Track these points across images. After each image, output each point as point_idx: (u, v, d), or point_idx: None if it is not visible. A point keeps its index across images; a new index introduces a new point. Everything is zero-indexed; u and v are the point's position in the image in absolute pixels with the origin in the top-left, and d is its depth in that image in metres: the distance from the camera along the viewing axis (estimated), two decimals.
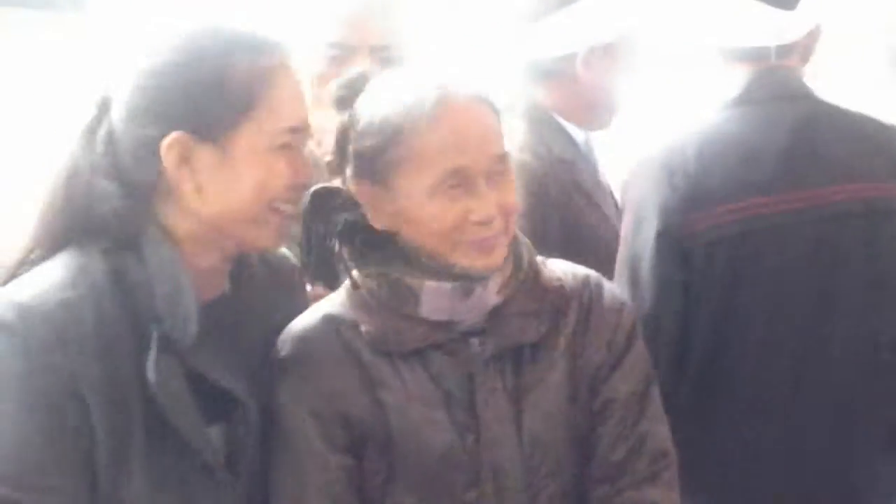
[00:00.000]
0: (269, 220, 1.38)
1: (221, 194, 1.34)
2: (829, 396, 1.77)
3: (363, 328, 1.44)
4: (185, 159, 1.32)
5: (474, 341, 1.46)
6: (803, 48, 1.90)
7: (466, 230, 1.41)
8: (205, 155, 1.33)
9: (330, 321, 1.47)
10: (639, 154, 1.90)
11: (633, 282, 1.78)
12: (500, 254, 1.44)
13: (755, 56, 1.85)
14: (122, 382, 1.29)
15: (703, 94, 2.21)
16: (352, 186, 1.45)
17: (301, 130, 1.39)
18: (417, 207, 1.41)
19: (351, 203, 1.46)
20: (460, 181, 1.39)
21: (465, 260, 1.42)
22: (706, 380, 1.78)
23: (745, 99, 1.84)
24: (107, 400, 1.27)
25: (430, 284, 1.43)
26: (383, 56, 1.82)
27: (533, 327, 1.47)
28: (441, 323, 1.45)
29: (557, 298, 1.50)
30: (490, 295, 1.46)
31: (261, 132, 1.34)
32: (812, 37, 1.90)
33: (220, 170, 1.34)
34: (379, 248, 1.46)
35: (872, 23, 4.77)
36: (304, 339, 1.46)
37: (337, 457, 1.41)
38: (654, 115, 2.64)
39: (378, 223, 1.44)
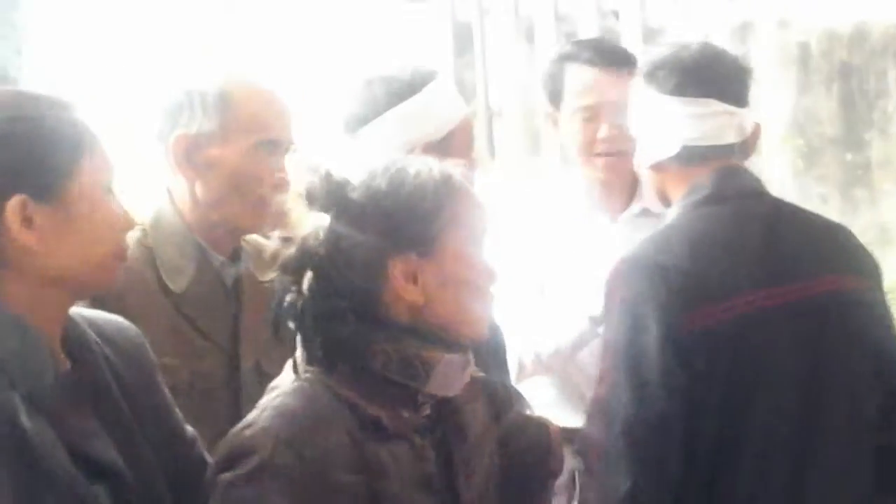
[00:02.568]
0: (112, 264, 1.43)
1: (67, 249, 1.36)
2: (830, 483, 1.79)
3: (371, 412, 1.43)
4: (27, 220, 1.34)
5: (432, 425, 1.49)
6: (751, 145, 1.95)
7: (490, 293, 1.51)
8: (45, 214, 1.34)
9: (328, 407, 1.42)
10: (620, 255, 1.89)
11: (638, 385, 1.74)
12: None
13: (719, 155, 1.88)
14: None
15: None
16: (395, 264, 1.44)
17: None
18: (470, 269, 1.48)
19: (343, 288, 1.45)
20: (483, 244, 1.52)
21: (483, 323, 1.49)
22: (712, 485, 1.76)
23: (715, 198, 1.85)
24: None
25: (447, 357, 1.45)
26: (291, 150, 1.91)
27: (478, 415, 1.57)
28: (416, 405, 1.48)
29: (479, 388, 1.60)
30: (469, 372, 1.52)
31: (91, 181, 1.38)
32: (755, 134, 1.94)
33: (63, 226, 1.36)
34: (380, 327, 1.45)
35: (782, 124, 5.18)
36: (303, 424, 1.39)
37: None
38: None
39: (414, 297, 1.44)
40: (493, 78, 4.14)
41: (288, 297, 1.45)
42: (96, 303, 1.60)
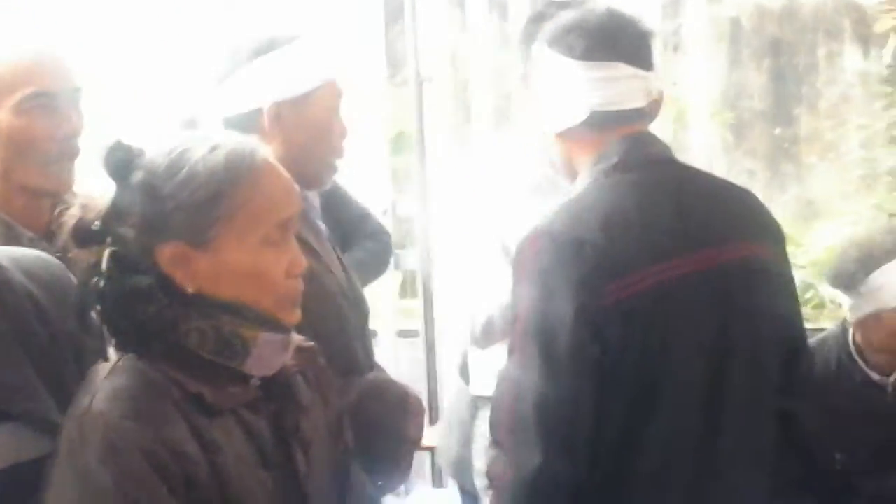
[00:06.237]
0: None
1: None
2: (736, 448, 1.80)
3: (192, 389, 1.38)
4: None
5: (264, 400, 1.46)
6: (655, 110, 1.93)
7: (286, 283, 1.44)
8: None
9: (155, 383, 1.37)
10: (530, 225, 1.85)
11: (550, 360, 1.70)
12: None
13: (628, 119, 1.84)
14: None
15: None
16: (162, 250, 1.38)
17: None
18: (248, 261, 1.40)
19: (142, 263, 1.39)
20: (282, 234, 1.44)
21: (282, 313, 1.44)
22: (621, 458, 1.75)
23: (624, 166, 1.83)
24: None
25: (265, 336, 1.42)
26: (77, 98, 1.80)
27: (304, 385, 1.54)
28: (244, 380, 1.44)
29: (311, 357, 1.57)
30: (291, 350, 1.49)
31: None
32: (659, 100, 1.92)
33: None
34: (189, 305, 1.40)
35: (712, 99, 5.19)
36: (136, 399, 1.34)
37: None
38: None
39: (189, 284, 1.39)
40: (423, 46, 4.08)
41: (92, 279, 1.38)
42: None
